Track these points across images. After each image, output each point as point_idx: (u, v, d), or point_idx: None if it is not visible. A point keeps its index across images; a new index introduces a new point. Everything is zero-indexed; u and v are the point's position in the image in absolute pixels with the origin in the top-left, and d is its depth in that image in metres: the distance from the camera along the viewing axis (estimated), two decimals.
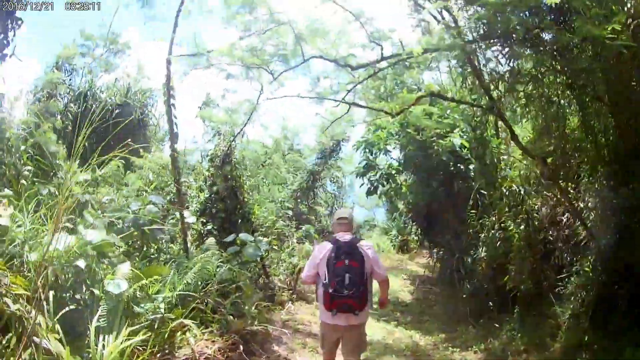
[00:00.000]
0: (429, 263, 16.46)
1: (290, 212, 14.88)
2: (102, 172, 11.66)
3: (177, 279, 6.64)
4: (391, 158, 12.53)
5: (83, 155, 13.25)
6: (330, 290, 5.03)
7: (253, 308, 7.36)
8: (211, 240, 8.30)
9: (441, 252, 12.23)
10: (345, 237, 5.35)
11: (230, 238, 8.49)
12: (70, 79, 17.83)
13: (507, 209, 8.22)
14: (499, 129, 8.81)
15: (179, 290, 6.42)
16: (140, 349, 5.44)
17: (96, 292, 5.64)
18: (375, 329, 9.15)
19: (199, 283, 6.94)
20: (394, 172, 12.15)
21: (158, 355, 5.62)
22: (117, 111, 16.55)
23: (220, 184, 10.11)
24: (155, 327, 5.77)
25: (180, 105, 8.72)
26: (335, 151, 18.52)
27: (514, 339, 7.87)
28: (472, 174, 10.40)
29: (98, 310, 5.36)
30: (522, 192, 7.92)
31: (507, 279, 8.25)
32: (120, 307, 5.47)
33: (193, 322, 6.15)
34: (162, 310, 5.78)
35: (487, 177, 7.73)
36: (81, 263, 5.63)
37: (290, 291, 10.67)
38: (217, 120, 11.60)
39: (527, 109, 6.73)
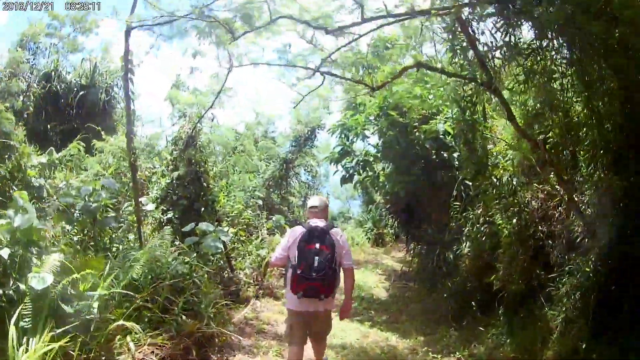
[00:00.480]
0: (406, 258, 15.83)
1: (260, 202, 14.06)
2: (60, 155, 10.93)
3: (123, 273, 5.77)
4: (369, 144, 11.59)
5: (45, 137, 12.46)
6: (299, 272, 5.10)
7: (211, 307, 6.49)
8: (167, 229, 7.42)
9: (420, 247, 11.41)
10: (318, 222, 5.46)
11: (188, 227, 7.65)
12: (34, 59, 17.01)
13: (496, 201, 7.45)
14: (487, 114, 7.98)
15: (123, 286, 5.55)
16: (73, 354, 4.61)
17: (22, 287, 4.80)
18: (349, 331, 8.35)
19: (149, 278, 6.08)
20: (371, 159, 11.20)
21: None
22: (81, 93, 15.80)
23: (183, 168, 9.22)
24: (92, 329, 4.92)
25: (153, 88, 8.00)
26: (310, 139, 17.81)
27: (501, 344, 7.11)
28: (457, 163, 9.64)
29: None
30: (514, 182, 7.14)
31: (494, 277, 7.50)
32: (46, 305, 4.62)
33: (137, 324, 5.29)
34: (95, 310, 4.89)
35: (476, 164, 6.92)
36: (4, 252, 4.81)
37: (257, 286, 9.80)
38: (184, 102, 10.77)
39: (527, 85, 5.91)
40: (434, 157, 9.94)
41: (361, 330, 8.53)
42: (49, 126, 15.11)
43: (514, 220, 7.17)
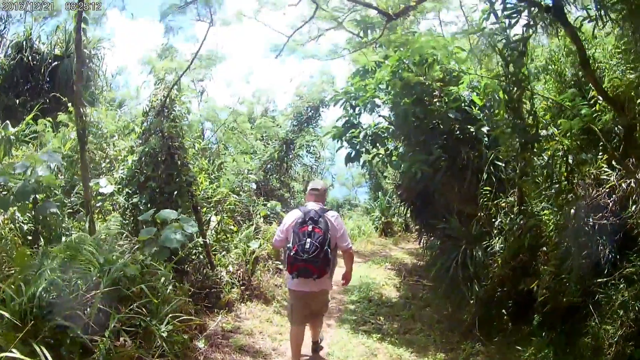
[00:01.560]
0: (418, 250, 14.32)
1: (254, 185, 12.37)
2: (15, 130, 9.49)
3: (33, 280, 4.10)
4: (379, 115, 9.41)
5: (15, 113, 10.96)
6: (292, 253, 5.31)
7: (165, 322, 4.79)
8: (115, 217, 5.79)
9: (438, 241, 9.61)
10: (314, 205, 5.70)
11: (146, 215, 6.00)
12: (4, 28, 15.40)
13: (547, 184, 5.77)
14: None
15: (27, 298, 3.88)
16: None
17: None
18: (352, 347, 6.71)
19: (78, 284, 4.42)
20: (382, 133, 9.32)
21: None
22: (55, 64, 14.22)
23: (153, 143, 7.52)
24: None
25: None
26: (313, 118, 16.09)
27: None
28: (486, 140, 7.89)
29: None
30: (569, 161, 5.43)
31: (535, 284, 5.90)
32: None
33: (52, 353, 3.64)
34: None
35: (523, 135, 5.17)
36: None
37: (243, 287, 8.12)
38: (160, 67, 9.04)
39: (601, 22, 4.24)
40: (457, 132, 8.16)
41: (368, 347, 6.81)
42: (17, 101, 13.52)
43: (572, 211, 5.47)
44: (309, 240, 5.27)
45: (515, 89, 5.06)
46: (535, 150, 5.35)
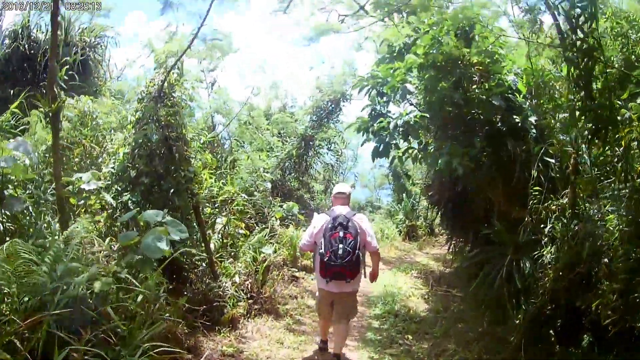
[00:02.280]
0: (445, 256, 13.28)
1: (269, 185, 11.34)
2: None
3: None
4: (410, 104, 7.87)
5: (10, 104, 10.06)
6: (325, 259, 5.39)
7: (138, 355, 3.74)
8: (84, 219, 4.80)
9: (465, 245, 8.42)
10: (342, 210, 5.78)
11: (126, 217, 4.99)
12: (0, 15, 14.57)
13: (621, 181, 4.68)
14: None
15: None
16: None
17: None
18: None
19: (26, 301, 3.43)
20: (416, 121, 7.27)
21: None
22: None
23: (148, 132, 6.50)
24: None
25: None
26: (333, 112, 15.02)
27: None
28: (534, 131, 6.74)
29: None
30: None
31: (597, 302, 4.87)
32: None
33: None
34: None
35: (597, 118, 4.06)
36: None
37: (251, 300, 7.07)
38: (161, 50, 8.04)
39: None
40: (499, 123, 6.99)
41: None
42: (12, 92, 12.63)
43: None
44: (341, 246, 5.36)
45: (587, 60, 3.95)
46: (608, 137, 4.24)
